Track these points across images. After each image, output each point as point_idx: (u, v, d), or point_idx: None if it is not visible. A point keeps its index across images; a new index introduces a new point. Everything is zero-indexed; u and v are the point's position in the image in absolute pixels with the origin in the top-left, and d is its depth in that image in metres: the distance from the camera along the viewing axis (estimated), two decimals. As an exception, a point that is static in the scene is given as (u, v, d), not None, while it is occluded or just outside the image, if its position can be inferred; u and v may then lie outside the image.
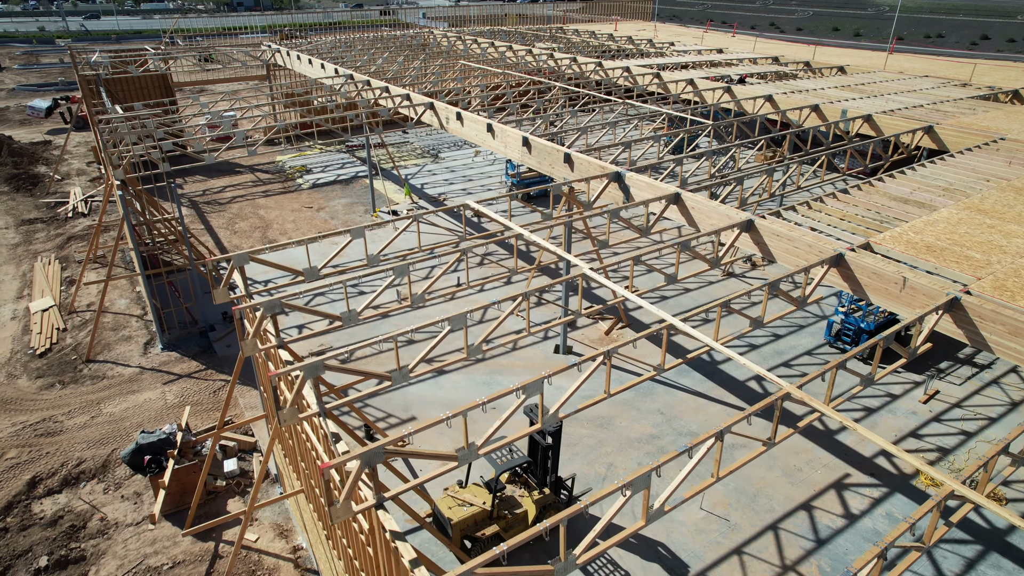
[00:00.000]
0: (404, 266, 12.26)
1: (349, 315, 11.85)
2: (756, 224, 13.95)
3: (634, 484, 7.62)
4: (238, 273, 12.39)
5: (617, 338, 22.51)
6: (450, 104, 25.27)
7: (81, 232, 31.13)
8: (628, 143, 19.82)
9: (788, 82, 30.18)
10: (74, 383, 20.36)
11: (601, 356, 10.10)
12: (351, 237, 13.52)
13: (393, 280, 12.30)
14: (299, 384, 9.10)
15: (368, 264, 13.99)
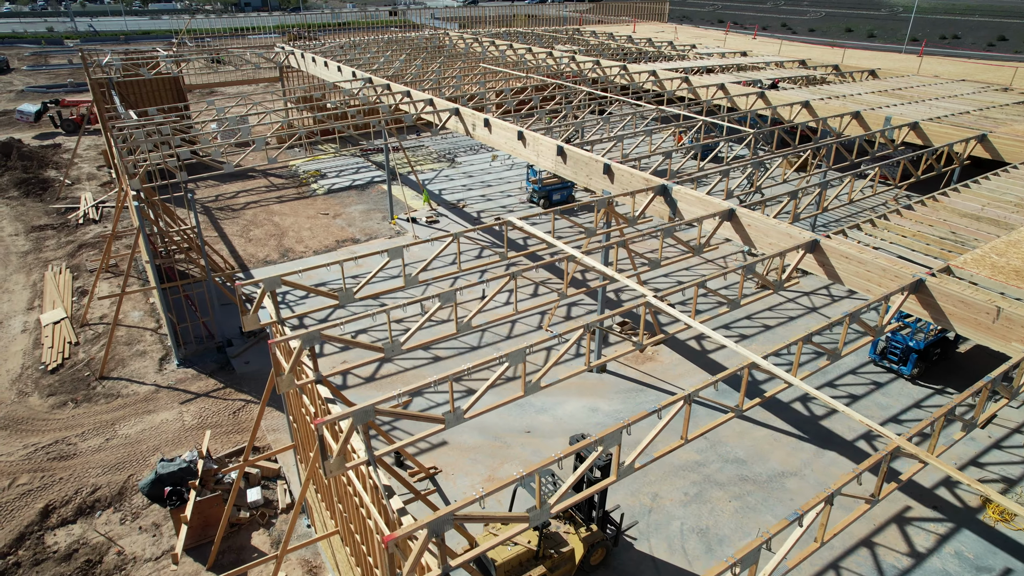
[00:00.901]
0: (451, 293, 11.34)
1: (392, 347, 10.95)
2: (822, 244, 12.99)
3: (743, 561, 6.67)
4: (269, 297, 11.48)
5: (653, 355, 21.56)
6: (475, 110, 24.36)
7: (92, 240, 30.32)
8: (668, 152, 18.86)
9: (822, 87, 29.17)
10: (87, 401, 19.51)
11: (681, 401, 9.13)
12: (388, 257, 12.60)
13: (440, 307, 11.37)
14: (347, 433, 8.19)
15: (406, 285, 13.06)
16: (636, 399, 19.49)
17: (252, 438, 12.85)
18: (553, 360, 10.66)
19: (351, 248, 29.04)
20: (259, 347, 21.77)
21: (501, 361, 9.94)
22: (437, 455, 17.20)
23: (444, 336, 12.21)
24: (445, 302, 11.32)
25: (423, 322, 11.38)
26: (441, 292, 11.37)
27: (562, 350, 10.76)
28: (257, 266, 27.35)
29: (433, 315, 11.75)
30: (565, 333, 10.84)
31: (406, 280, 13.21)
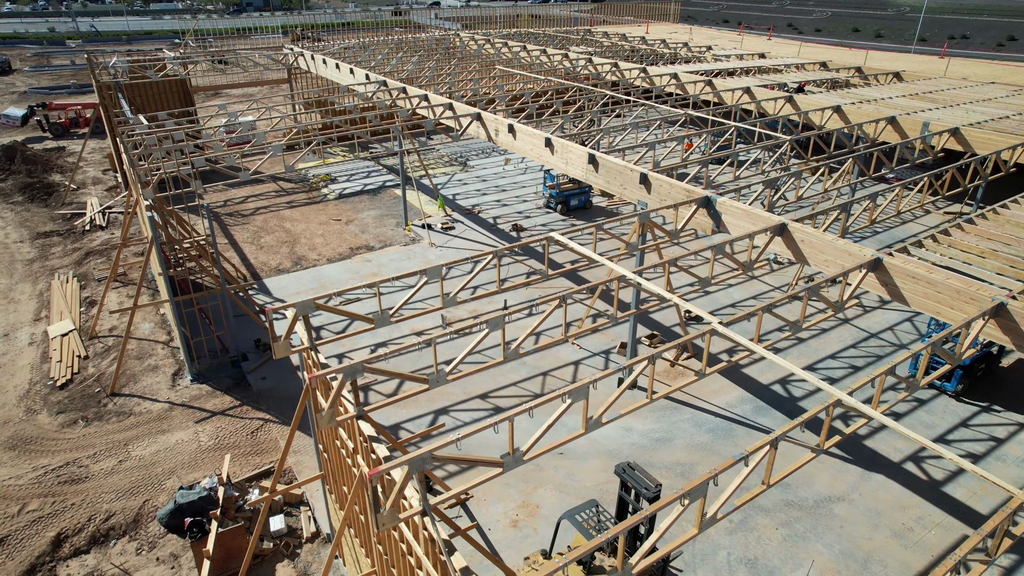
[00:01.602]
0: (499, 319, 10.55)
1: (437, 376, 10.16)
2: (885, 263, 12.20)
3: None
4: (301, 323, 10.69)
5: (684, 370, 20.76)
6: (492, 114, 23.55)
7: (100, 247, 29.54)
8: (706, 161, 18.07)
9: (851, 91, 28.37)
10: (99, 420, 18.73)
11: (768, 445, 8.35)
12: (426, 278, 11.82)
13: (487, 334, 10.58)
14: (402, 483, 7.40)
15: (444, 305, 12.27)
16: (671, 418, 18.72)
17: (279, 469, 12.07)
18: (617, 394, 9.88)
19: (365, 256, 28.26)
20: (275, 362, 20.98)
21: (564, 399, 9.15)
22: (468, 478, 16.41)
23: (491, 364, 11.40)
24: (493, 329, 10.54)
25: (469, 350, 10.58)
26: (489, 319, 10.57)
27: (626, 382, 9.95)
28: (270, 275, 26.56)
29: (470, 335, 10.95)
30: (628, 364, 10.05)
31: (444, 300, 12.41)
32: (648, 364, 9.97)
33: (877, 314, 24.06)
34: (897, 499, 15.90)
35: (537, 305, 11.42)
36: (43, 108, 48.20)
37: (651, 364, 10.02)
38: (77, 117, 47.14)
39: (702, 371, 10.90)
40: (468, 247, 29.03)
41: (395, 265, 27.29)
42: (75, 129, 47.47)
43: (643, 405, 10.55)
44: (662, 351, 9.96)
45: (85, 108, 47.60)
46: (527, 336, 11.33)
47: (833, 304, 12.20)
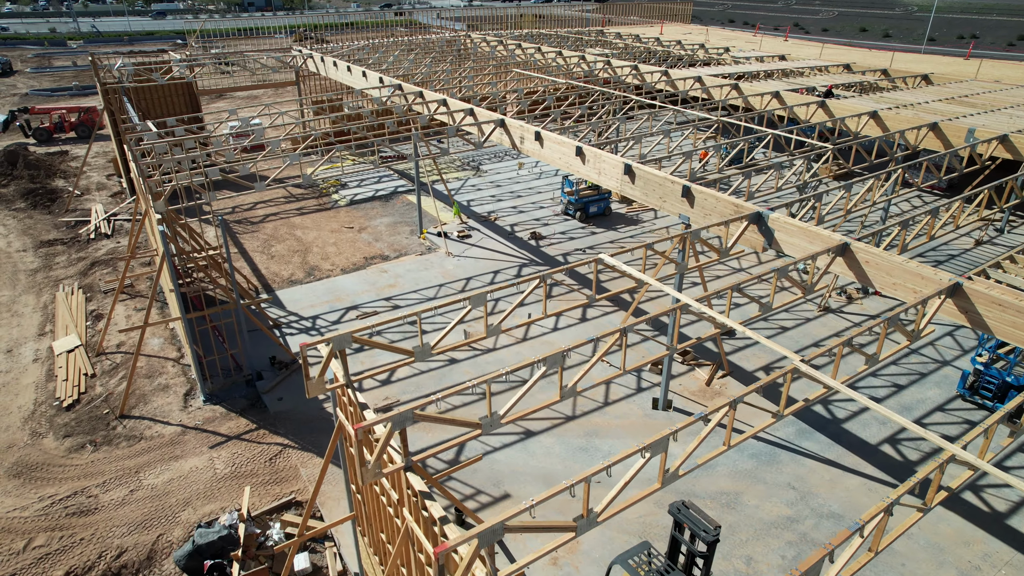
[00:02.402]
0: (558, 356, 9.59)
1: (490, 421, 9.21)
2: (965, 288, 11.25)
3: None
4: (337, 359, 9.75)
5: (721, 389, 19.81)
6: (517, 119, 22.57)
7: (105, 256, 28.59)
8: (748, 171, 17.11)
9: (884, 95, 27.41)
10: (107, 444, 17.78)
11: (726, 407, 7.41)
12: (471, 305, 10.86)
13: (544, 373, 9.62)
14: (470, 559, 6.45)
15: (487, 334, 11.32)
16: (709, 442, 17.66)
17: (308, 512, 11.11)
18: (697, 442, 8.93)
19: (381, 266, 27.30)
20: (292, 380, 20.04)
21: (643, 454, 8.21)
22: (500, 509, 15.46)
23: (547, 404, 10.44)
24: (551, 366, 9.58)
25: (526, 390, 9.62)
26: (549, 355, 9.61)
27: (707, 430, 9.01)
28: (282, 286, 25.61)
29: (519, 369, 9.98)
30: (710, 412, 9.10)
31: (488, 330, 11.45)
32: (730, 409, 9.01)
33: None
34: (960, 533, 14.95)
35: (598, 340, 10.41)
36: (25, 112, 46.76)
37: (732, 409, 9.07)
38: (62, 121, 45.89)
39: (780, 413, 9.95)
40: (486, 257, 28.08)
41: (412, 276, 26.33)
42: (59, 134, 46.22)
43: (721, 452, 9.56)
44: (744, 396, 9.00)
45: (70, 112, 46.33)
46: (586, 372, 10.36)
47: (910, 334, 11.25)
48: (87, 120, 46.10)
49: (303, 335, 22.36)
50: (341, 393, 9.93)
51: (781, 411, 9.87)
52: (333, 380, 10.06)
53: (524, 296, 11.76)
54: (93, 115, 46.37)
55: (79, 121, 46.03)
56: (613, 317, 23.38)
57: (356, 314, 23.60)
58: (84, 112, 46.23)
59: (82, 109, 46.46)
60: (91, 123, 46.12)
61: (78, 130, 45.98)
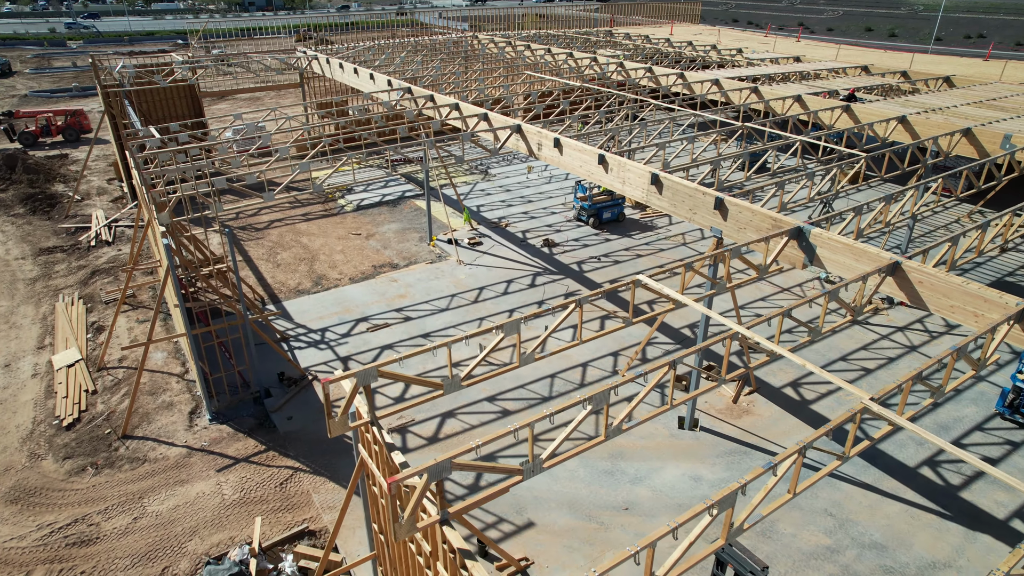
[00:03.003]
0: (605, 393, 8.79)
1: (532, 466, 8.41)
2: (1034, 313, 10.43)
3: None
4: (362, 395, 8.95)
5: (749, 407, 19.01)
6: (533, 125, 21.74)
7: (106, 265, 27.78)
8: (782, 181, 16.31)
9: (909, 98, 26.61)
10: (109, 467, 16.98)
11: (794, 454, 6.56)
12: (503, 334, 10.04)
13: (589, 413, 8.82)
14: None
15: (520, 363, 10.52)
16: (742, 464, 16.96)
17: (328, 550, 10.31)
18: (764, 493, 8.12)
19: (390, 275, 26.50)
20: (302, 398, 19.24)
21: (711, 511, 7.41)
22: (525, 540, 14.68)
23: (591, 444, 9.63)
24: (598, 405, 8.77)
25: (569, 432, 8.82)
26: (594, 394, 8.81)
27: (773, 480, 8.21)
28: (289, 296, 24.81)
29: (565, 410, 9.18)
30: (779, 461, 8.30)
31: (521, 359, 10.64)
32: (798, 456, 8.21)
33: (946, 341, 22.28)
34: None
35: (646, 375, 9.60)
36: (9, 116, 45.65)
37: (801, 456, 8.26)
38: (49, 125, 44.90)
39: (846, 455, 9.14)
40: (499, 265, 27.27)
41: (423, 286, 25.53)
42: (45, 138, 45.23)
43: (786, 502, 8.75)
44: (813, 440, 8.19)
45: (57, 115, 45.32)
46: (634, 407, 9.56)
47: (976, 363, 10.45)
48: (74, 123, 45.15)
49: (312, 349, 21.56)
50: (365, 430, 9.12)
51: (847, 452, 9.06)
52: (356, 415, 9.25)
53: (559, 323, 10.94)
54: (81, 118, 45.45)
55: (66, 124, 45.03)
56: (633, 329, 22.57)
57: (366, 326, 22.80)
58: (71, 115, 45.23)
59: (69, 112, 45.41)
60: (78, 126, 45.21)
61: (65, 133, 44.99)
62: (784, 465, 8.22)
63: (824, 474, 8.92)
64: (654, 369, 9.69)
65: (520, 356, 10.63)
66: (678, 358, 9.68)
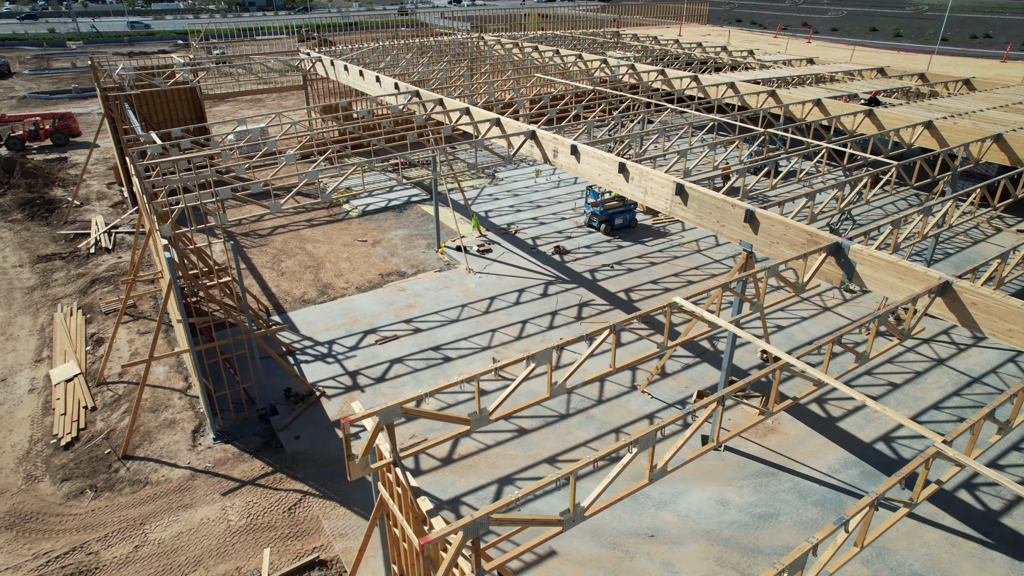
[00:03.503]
0: (651, 435, 8.05)
1: (573, 516, 7.67)
2: (1102, 340, 9.68)
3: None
4: (384, 434, 8.21)
5: (775, 425, 18.26)
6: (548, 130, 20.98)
7: (106, 273, 27.05)
8: (812, 192, 15.57)
9: (932, 102, 25.88)
10: (109, 490, 16.25)
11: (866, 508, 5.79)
12: (534, 364, 9.31)
13: (635, 456, 8.08)
14: None
15: (551, 395, 9.78)
16: (770, 487, 16.23)
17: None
18: (832, 550, 7.38)
19: (398, 284, 25.77)
20: (309, 415, 18.52)
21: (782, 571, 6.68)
22: (547, 570, 13.95)
23: (633, 489, 8.89)
24: (644, 447, 8.04)
25: (613, 478, 8.08)
26: (639, 436, 8.07)
27: (843, 537, 7.47)
28: (294, 306, 24.07)
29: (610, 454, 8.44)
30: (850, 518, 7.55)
31: (552, 389, 9.91)
32: (870, 509, 7.45)
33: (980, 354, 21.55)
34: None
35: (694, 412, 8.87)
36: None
37: (873, 509, 7.51)
38: (37, 129, 44.06)
39: (914, 501, 8.40)
40: (509, 273, 26.54)
41: (432, 295, 24.80)
42: (33, 143, 44.38)
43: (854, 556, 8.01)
44: (885, 491, 7.45)
45: (45, 119, 44.46)
46: (680, 447, 8.82)
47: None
48: (62, 127, 44.34)
49: (319, 363, 20.82)
50: (385, 471, 8.39)
51: (915, 499, 8.32)
52: (376, 453, 8.52)
53: (592, 349, 10.18)
54: (70, 122, 44.65)
55: (54, 128, 44.22)
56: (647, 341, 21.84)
57: (375, 338, 22.07)
58: (59, 119, 44.42)
59: (57, 115, 44.57)
60: (67, 130, 44.40)
61: (54, 138, 44.16)
62: (856, 519, 7.47)
63: (893, 523, 8.17)
64: (702, 406, 8.92)
65: (552, 387, 9.88)
66: (726, 393, 8.93)
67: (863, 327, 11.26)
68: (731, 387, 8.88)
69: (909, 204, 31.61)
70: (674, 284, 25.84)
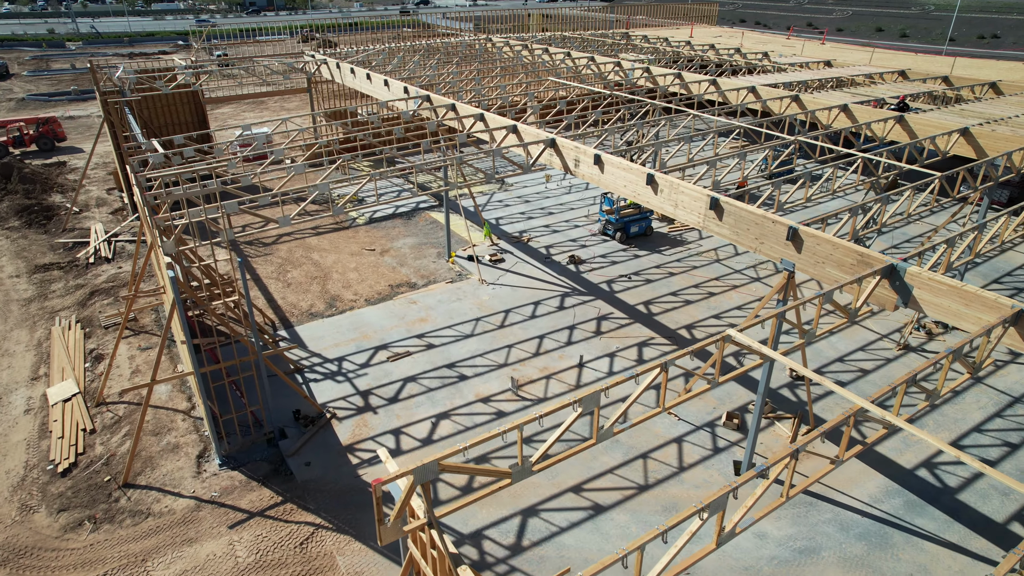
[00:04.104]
0: (722, 498, 7.13)
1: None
2: None
3: None
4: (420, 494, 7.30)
5: (811, 450, 17.34)
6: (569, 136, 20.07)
7: (106, 284, 26.13)
8: (855, 208, 14.67)
9: (964, 107, 24.98)
10: (109, 522, 15.34)
11: None
12: (581, 408, 8.39)
13: (705, 521, 7.16)
14: None
15: (597, 440, 8.87)
16: (810, 519, 15.33)
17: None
18: None
19: (409, 296, 24.86)
20: (320, 439, 17.61)
21: None
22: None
23: (702, 555, 7.96)
24: (713, 512, 7.12)
25: (681, 547, 7.16)
26: (712, 498, 7.15)
27: None
28: (302, 320, 23.16)
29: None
30: None
31: (598, 435, 8.99)
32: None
33: (1012, 371, 20.65)
34: None
35: (767, 467, 7.94)
36: None
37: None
38: (21, 135, 43.06)
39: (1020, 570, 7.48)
40: (524, 284, 25.63)
41: (445, 308, 23.89)
42: (17, 149, 43.27)
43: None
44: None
45: (29, 124, 43.44)
46: (743, 515, 7.89)
47: None
48: (47, 132, 43.40)
49: (328, 381, 19.91)
50: (422, 538, 7.47)
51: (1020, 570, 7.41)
52: (408, 513, 7.60)
53: (641, 390, 9.26)
54: (54, 126, 43.76)
55: (39, 134, 43.27)
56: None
57: (387, 355, 21.16)
58: (43, 124, 43.48)
59: (41, 120, 43.59)
60: (52, 135, 43.49)
61: (39, 143, 43.23)
62: None
63: None
64: (777, 460, 7.98)
65: (598, 432, 8.95)
66: (800, 446, 8.01)
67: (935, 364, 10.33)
68: (806, 438, 7.94)
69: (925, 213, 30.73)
70: (695, 296, 24.93)
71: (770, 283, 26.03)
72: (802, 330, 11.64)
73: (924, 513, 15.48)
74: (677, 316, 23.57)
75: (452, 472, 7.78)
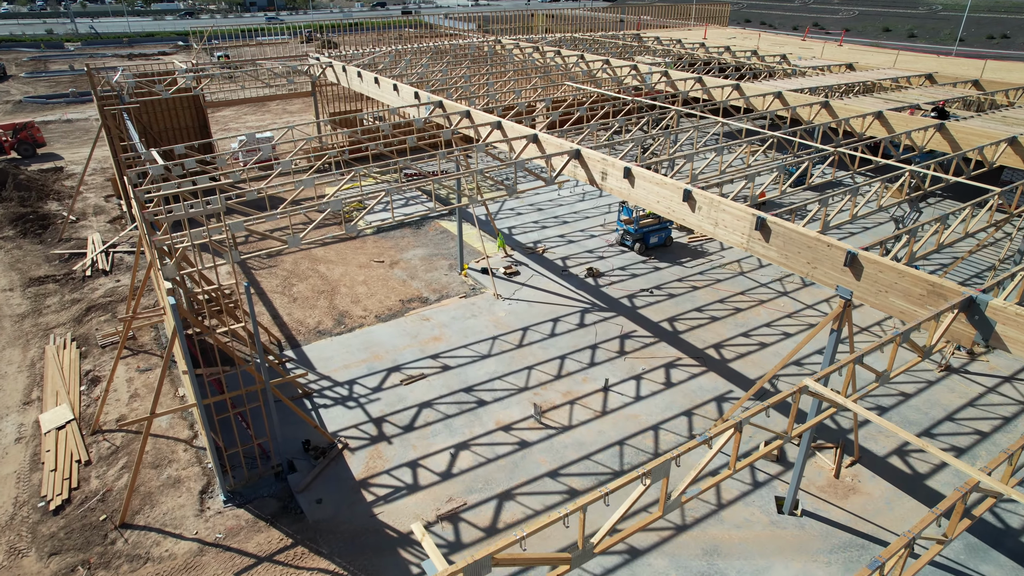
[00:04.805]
0: None
1: None
2: None
3: None
4: None
5: (855, 484, 16.18)
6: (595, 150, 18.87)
7: (103, 299, 24.96)
8: (912, 229, 13.50)
9: (1006, 113, 23.81)
10: (104, 567, 14.18)
11: None
12: (651, 480, 7.23)
13: None
14: None
15: (663, 513, 7.71)
16: (861, 559, 14.16)
17: None
18: None
19: (421, 312, 23.69)
20: (332, 472, 16.44)
21: None
22: None
23: None
24: None
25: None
26: None
27: None
28: (309, 339, 21.99)
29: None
30: None
31: (665, 506, 7.81)
32: None
33: (1062, 395, 19.46)
34: None
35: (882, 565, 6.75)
36: None
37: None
38: (1, 142, 41.94)
39: None
40: (541, 299, 24.46)
41: (459, 326, 22.72)
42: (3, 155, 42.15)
43: None
44: None
45: (6, 130, 42.25)
46: None
47: None
48: (26, 137, 42.34)
49: (339, 407, 18.75)
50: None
51: None
52: None
53: (713, 454, 8.09)
54: (33, 131, 42.81)
55: (18, 139, 42.15)
56: (718, 384, 19.75)
57: (400, 377, 20.00)
58: (22, 129, 42.39)
59: (19, 126, 42.45)
60: (31, 140, 42.45)
61: (19, 149, 42.13)
62: None
63: None
64: (891, 556, 6.80)
65: (665, 504, 7.79)
66: (916, 534, 6.83)
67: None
68: (919, 524, 6.78)
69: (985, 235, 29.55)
70: (720, 312, 23.77)
71: (798, 297, 24.87)
72: (876, 373, 10.45)
73: (987, 558, 14.32)
74: (703, 334, 22.41)
75: (506, 566, 6.64)
